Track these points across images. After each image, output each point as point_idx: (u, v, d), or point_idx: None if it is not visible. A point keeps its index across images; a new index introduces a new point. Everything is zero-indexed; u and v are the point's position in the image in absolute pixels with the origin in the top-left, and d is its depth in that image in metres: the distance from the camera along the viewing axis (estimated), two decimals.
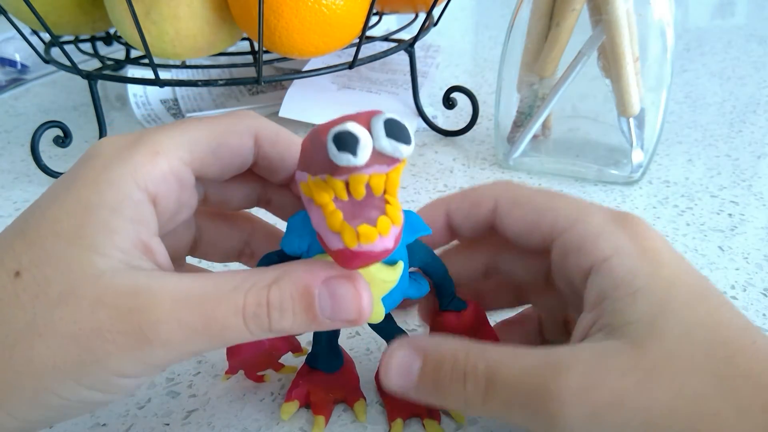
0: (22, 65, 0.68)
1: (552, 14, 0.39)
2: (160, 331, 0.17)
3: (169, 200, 0.20)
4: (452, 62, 0.71)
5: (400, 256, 0.21)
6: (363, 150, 0.16)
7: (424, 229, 0.23)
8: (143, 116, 0.55)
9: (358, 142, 0.16)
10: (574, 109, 0.43)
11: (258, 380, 0.26)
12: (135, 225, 0.19)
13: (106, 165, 0.19)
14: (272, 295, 0.18)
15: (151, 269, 0.19)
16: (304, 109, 0.50)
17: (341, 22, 0.40)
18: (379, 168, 0.17)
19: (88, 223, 0.18)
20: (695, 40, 0.77)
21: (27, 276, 0.18)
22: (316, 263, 0.19)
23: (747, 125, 0.52)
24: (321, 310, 0.19)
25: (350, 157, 0.16)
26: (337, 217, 0.17)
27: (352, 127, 0.16)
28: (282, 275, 0.19)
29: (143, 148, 0.20)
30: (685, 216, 0.39)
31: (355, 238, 0.17)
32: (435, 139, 0.51)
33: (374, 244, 0.17)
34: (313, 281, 0.18)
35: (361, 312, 0.19)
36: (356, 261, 0.18)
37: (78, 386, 0.18)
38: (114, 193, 0.19)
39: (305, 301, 0.18)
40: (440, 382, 0.20)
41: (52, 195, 0.19)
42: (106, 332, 0.17)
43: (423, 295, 0.23)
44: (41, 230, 0.18)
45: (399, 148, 0.17)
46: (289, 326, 0.19)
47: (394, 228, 0.18)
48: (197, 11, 0.41)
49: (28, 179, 0.45)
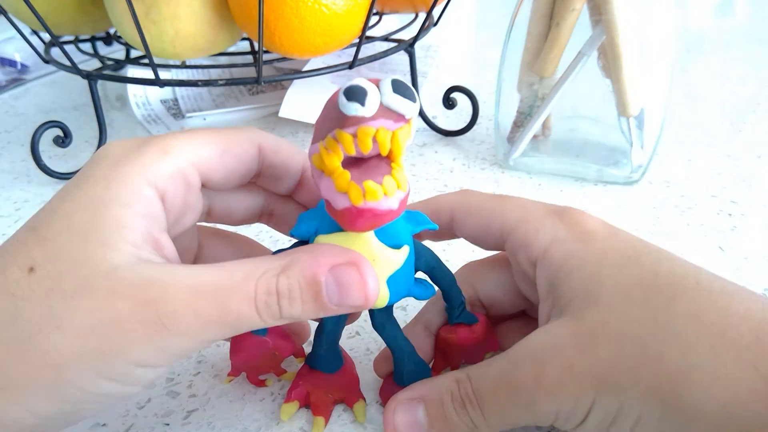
0: (22, 65, 0.68)
1: (552, 14, 0.39)
2: (178, 321, 0.18)
3: (176, 199, 0.21)
4: (452, 62, 0.71)
5: (406, 241, 0.22)
6: (371, 101, 0.17)
7: (430, 224, 0.23)
8: (143, 116, 0.55)
9: (366, 93, 0.17)
10: (574, 109, 0.43)
11: (259, 384, 0.26)
12: (145, 220, 0.19)
13: (115, 163, 0.20)
14: (281, 283, 0.19)
15: (161, 262, 0.19)
16: (304, 109, 0.50)
17: (341, 22, 0.40)
18: (386, 122, 0.18)
19: (100, 219, 0.19)
20: (695, 40, 0.77)
21: (41, 271, 0.18)
22: (322, 250, 0.20)
23: (747, 125, 0.52)
24: (329, 298, 0.19)
25: (358, 107, 0.17)
26: (344, 177, 0.18)
27: (361, 81, 0.18)
28: (290, 264, 0.19)
29: (152, 147, 0.20)
30: (685, 216, 0.39)
31: (361, 195, 0.18)
32: (435, 139, 0.51)
33: (379, 202, 0.18)
34: (319, 270, 0.19)
35: (368, 297, 0.19)
36: (361, 220, 0.19)
37: (97, 377, 0.18)
38: (124, 189, 0.19)
39: (313, 289, 0.19)
40: (448, 417, 0.22)
41: (63, 193, 0.20)
42: (125, 322, 0.17)
43: (429, 297, 0.23)
44: (53, 226, 0.19)
45: (404, 104, 0.18)
46: (298, 313, 0.19)
47: (399, 192, 0.19)
48: (197, 11, 0.41)
49: (28, 179, 0.45)
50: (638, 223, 0.38)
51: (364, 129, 0.18)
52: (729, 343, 0.18)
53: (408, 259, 0.22)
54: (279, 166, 0.24)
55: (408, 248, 0.21)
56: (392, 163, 0.19)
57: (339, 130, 0.18)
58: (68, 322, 0.17)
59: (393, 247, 0.21)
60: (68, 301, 0.18)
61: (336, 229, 0.21)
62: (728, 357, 0.18)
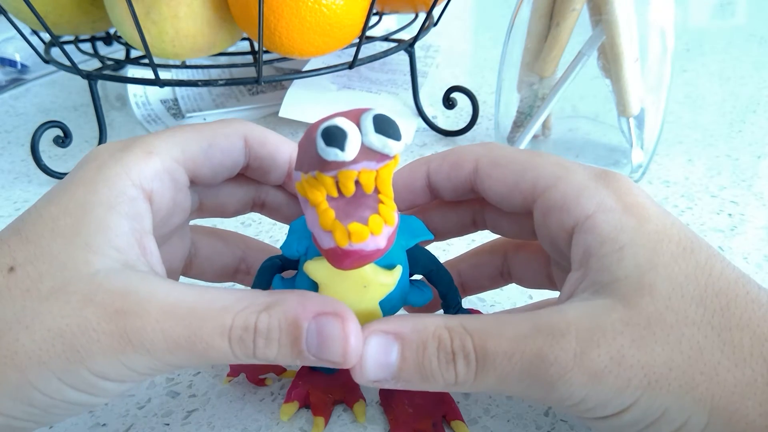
0: (22, 65, 0.68)
1: (552, 14, 0.39)
2: (143, 338, 0.17)
3: (164, 198, 0.21)
4: (452, 62, 0.71)
5: (399, 261, 0.21)
6: (351, 144, 0.16)
7: (426, 234, 0.22)
8: (143, 116, 0.55)
9: (346, 136, 0.16)
10: (574, 109, 0.43)
11: (259, 384, 0.26)
12: (130, 221, 0.19)
13: (101, 166, 0.20)
14: (261, 321, 0.18)
15: (146, 272, 0.19)
16: (304, 110, 0.50)
17: (341, 22, 0.40)
18: (368, 164, 0.17)
19: (85, 221, 0.18)
20: (695, 40, 0.77)
21: (21, 271, 0.18)
22: (312, 296, 0.19)
23: (747, 125, 0.52)
24: (307, 346, 0.18)
25: (338, 152, 0.16)
26: (329, 215, 0.17)
27: (340, 122, 0.16)
28: (274, 303, 0.18)
29: (136, 148, 0.20)
30: (685, 216, 0.39)
31: (346, 237, 0.17)
32: (435, 139, 0.51)
33: (366, 243, 0.17)
34: (303, 315, 0.18)
35: (347, 356, 0.18)
36: (347, 260, 0.18)
37: (61, 384, 0.17)
38: (109, 190, 0.19)
39: (293, 334, 0.18)
40: (425, 366, 0.19)
41: (49, 196, 0.20)
42: (92, 330, 0.17)
43: (426, 302, 0.23)
44: (37, 228, 0.18)
45: (388, 144, 0.17)
46: (273, 356, 0.18)
47: (386, 228, 0.18)
48: (197, 11, 0.41)
49: (28, 179, 0.45)
50: None
51: (345, 173, 0.17)
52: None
53: (402, 277, 0.21)
54: (266, 158, 0.23)
55: (401, 268, 0.21)
56: (380, 194, 0.18)
57: (319, 173, 0.17)
58: (38, 324, 0.17)
59: (386, 267, 0.21)
60: (42, 302, 0.17)
61: None
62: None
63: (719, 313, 0.18)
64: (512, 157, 0.23)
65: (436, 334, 0.19)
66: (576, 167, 0.22)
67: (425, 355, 0.19)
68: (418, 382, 0.19)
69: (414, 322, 0.20)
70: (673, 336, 0.18)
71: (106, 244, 0.18)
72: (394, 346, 0.19)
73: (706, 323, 0.18)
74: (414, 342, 0.19)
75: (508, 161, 0.22)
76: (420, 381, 0.19)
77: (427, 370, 0.19)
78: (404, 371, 0.19)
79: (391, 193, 0.18)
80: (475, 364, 0.19)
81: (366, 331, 0.19)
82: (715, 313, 0.18)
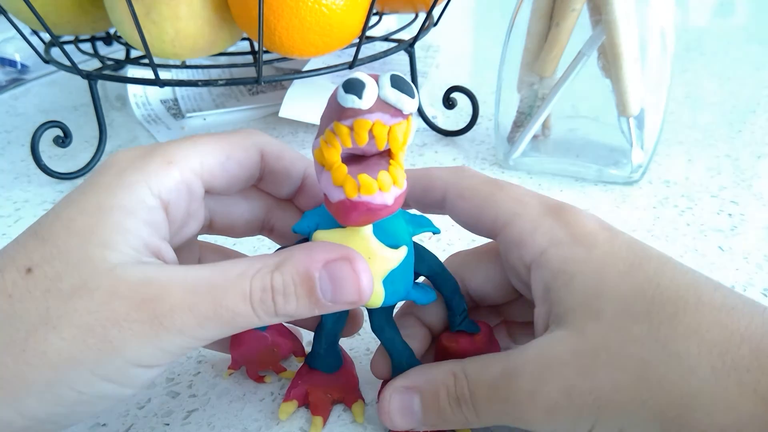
0: (22, 65, 0.68)
1: (552, 14, 0.39)
2: (174, 319, 0.18)
3: (179, 209, 0.21)
4: (452, 62, 0.71)
5: (405, 242, 0.22)
6: (368, 94, 0.18)
7: (433, 227, 0.23)
8: (143, 116, 0.55)
9: (364, 86, 0.18)
10: (574, 109, 0.43)
11: (259, 380, 0.26)
12: (148, 227, 0.19)
13: (121, 172, 0.20)
14: (275, 280, 0.19)
15: (158, 263, 0.19)
16: (304, 109, 0.50)
17: (341, 22, 0.40)
18: (382, 116, 0.18)
19: (103, 223, 0.19)
20: (695, 40, 0.77)
21: (38, 272, 0.18)
22: (317, 246, 0.20)
23: (747, 125, 0.52)
24: (323, 294, 0.19)
25: (355, 99, 0.18)
26: (341, 170, 0.19)
27: (360, 75, 0.18)
28: (284, 260, 0.19)
29: (157, 157, 0.20)
30: (685, 216, 0.39)
31: (356, 188, 0.18)
32: (435, 139, 0.51)
33: (373, 197, 0.18)
34: (312, 265, 0.19)
35: (361, 292, 0.19)
36: (355, 213, 0.19)
37: (93, 377, 0.18)
38: (129, 196, 0.19)
39: (307, 285, 0.19)
40: (442, 411, 0.22)
41: (67, 199, 0.20)
42: (123, 321, 0.17)
43: (428, 302, 0.23)
44: (54, 229, 0.19)
45: (401, 98, 0.18)
46: (293, 310, 0.19)
47: (394, 188, 0.19)
48: (197, 11, 0.41)
49: (28, 179, 0.45)
50: (638, 223, 0.38)
51: (361, 121, 0.18)
52: (730, 365, 0.17)
53: (406, 259, 0.21)
54: (281, 172, 0.24)
55: (406, 249, 0.21)
56: (391, 159, 0.19)
57: (336, 122, 0.18)
58: (65, 322, 0.17)
59: (391, 247, 0.21)
60: (65, 301, 0.18)
61: (335, 225, 0.21)
62: (729, 381, 0.17)
63: (666, 323, 0.19)
64: (476, 190, 0.24)
65: (444, 383, 0.22)
66: (532, 202, 0.23)
67: (439, 402, 0.22)
68: (442, 425, 0.22)
69: (427, 373, 0.23)
70: (619, 357, 0.19)
71: (123, 242, 0.19)
72: (415, 398, 0.22)
73: (651, 338, 0.19)
74: (429, 392, 0.22)
75: (472, 194, 0.24)
76: (443, 424, 0.22)
77: (443, 414, 0.22)
78: (427, 417, 0.22)
79: (401, 160, 0.19)
80: (473, 406, 0.21)
81: (390, 389, 0.23)
82: (662, 324, 0.19)
